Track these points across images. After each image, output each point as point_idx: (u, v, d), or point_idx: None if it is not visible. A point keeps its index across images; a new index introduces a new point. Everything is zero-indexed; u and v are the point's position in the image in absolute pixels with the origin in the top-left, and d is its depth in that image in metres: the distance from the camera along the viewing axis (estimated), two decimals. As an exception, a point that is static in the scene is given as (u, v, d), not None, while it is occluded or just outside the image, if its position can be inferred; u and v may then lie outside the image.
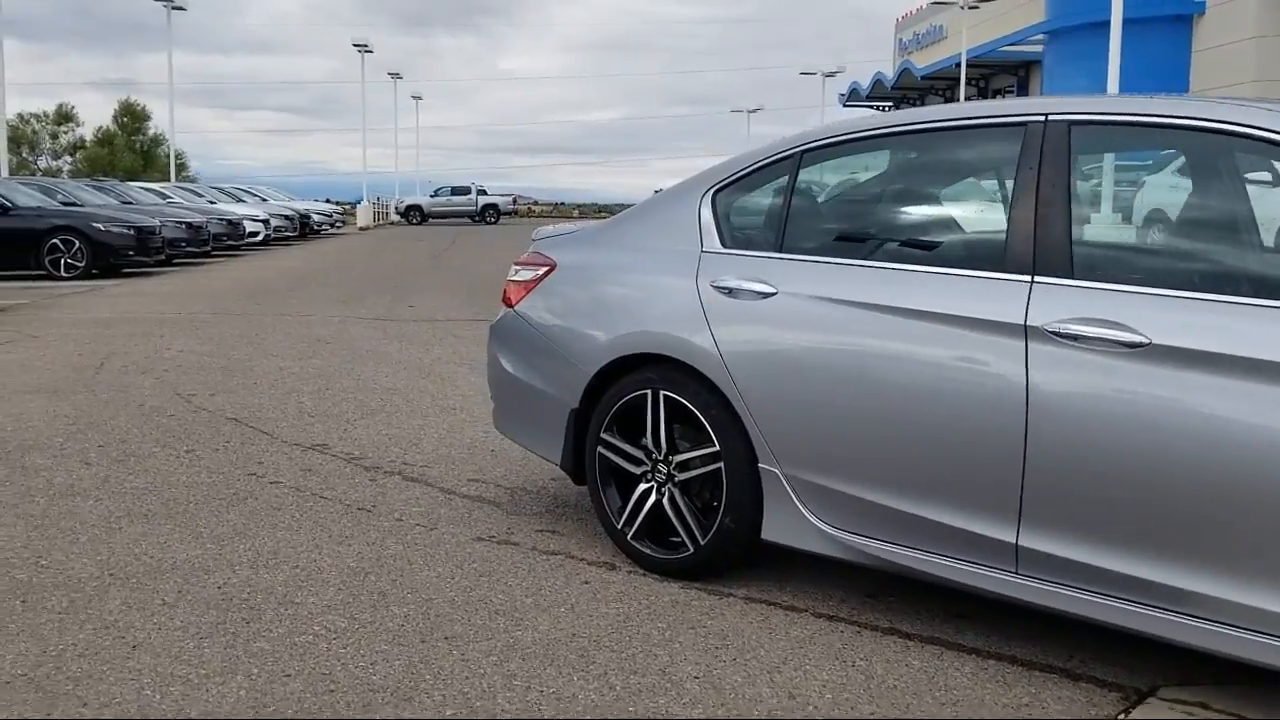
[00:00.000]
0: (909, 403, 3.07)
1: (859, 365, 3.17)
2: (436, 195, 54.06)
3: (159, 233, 17.79)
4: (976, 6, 38.10)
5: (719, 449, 3.49)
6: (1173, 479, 2.66)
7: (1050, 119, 3.03)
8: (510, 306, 4.27)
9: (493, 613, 3.37)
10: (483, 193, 53.51)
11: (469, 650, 3.09)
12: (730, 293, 3.49)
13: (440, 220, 51.85)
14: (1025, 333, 2.87)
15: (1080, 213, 2.99)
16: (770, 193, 3.68)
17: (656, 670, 2.98)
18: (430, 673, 2.95)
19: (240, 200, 30.08)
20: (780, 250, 3.50)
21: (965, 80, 38.33)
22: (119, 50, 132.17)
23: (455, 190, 53.71)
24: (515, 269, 4.29)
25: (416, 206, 53.02)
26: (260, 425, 6.01)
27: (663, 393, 3.62)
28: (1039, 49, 37.96)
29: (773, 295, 3.38)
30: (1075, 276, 2.88)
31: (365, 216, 46.74)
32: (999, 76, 44.65)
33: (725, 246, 3.64)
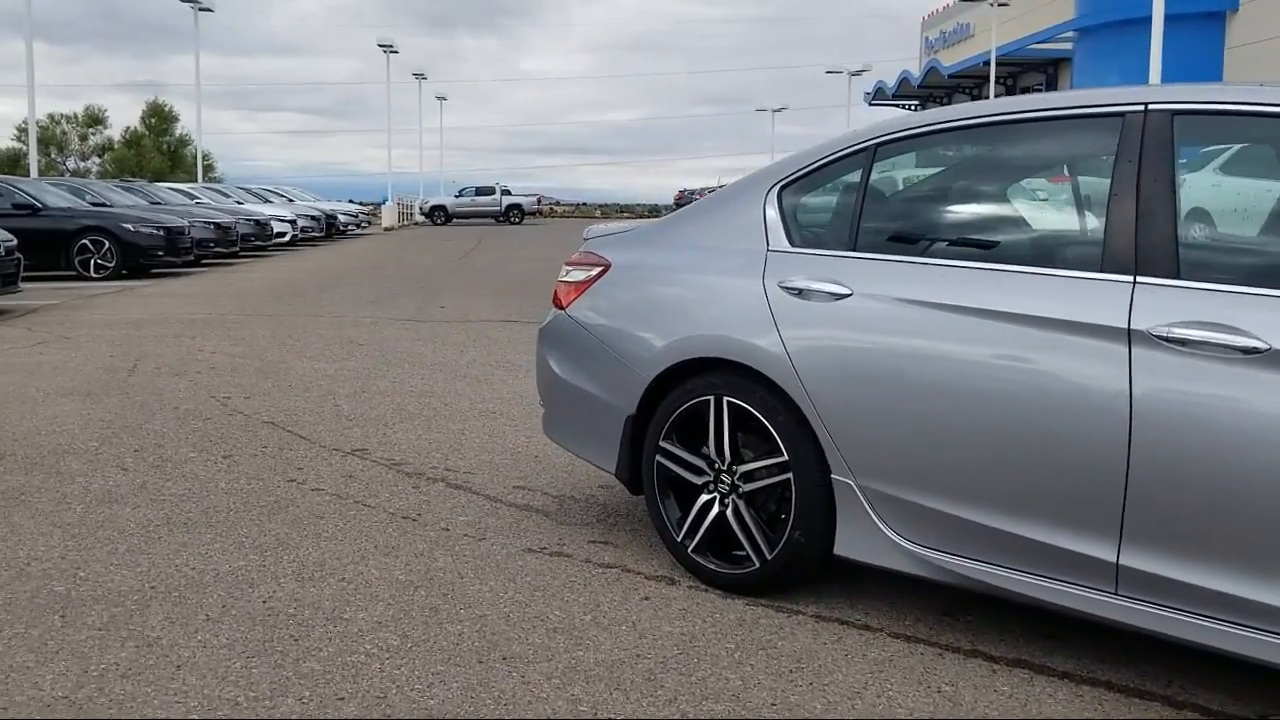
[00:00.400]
0: (999, 412, 2.88)
1: (943, 371, 2.98)
2: (461, 196, 54.06)
3: (188, 233, 17.77)
4: (1005, 4, 37.69)
5: (788, 459, 3.31)
6: (1294, 496, 2.46)
7: (1150, 108, 2.83)
8: (561, 308, 4.11)
9: (551, 631, 3.20)
10: (507, 193, 53.48)
11: (529, 672, 2.92)
12: (800, 294, 3.31)
13: (464, 220, 51.85)
14: (1128, 337, 2.68)
15: (1186, 209, 2.79)
16: (841, 188, 3.49)
17: (729, 696, 2.80)
18: (490, 696, 2.78)
19: (267, 201, 30.10)
20: (854, 249, 3.31)
21: (996, 78, 37.84)
22: (144, 53, 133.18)
23: (480, 191, 53.69)
24: (566, 269, 4.13)
25: (441, 207, 53.04)
26: (297, 429, 5.88)
27: (726, 399, 3.44)
28: (1068, 46, 37.54)
29: (847, 297, 3.20)
30: (1181, 277, 2.68)
31: (390, 217, 46.77)
32: (1027, 74, 44.24)
33: (793, 245, 3.46)
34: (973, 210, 3.41)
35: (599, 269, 3.97)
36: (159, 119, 67.06)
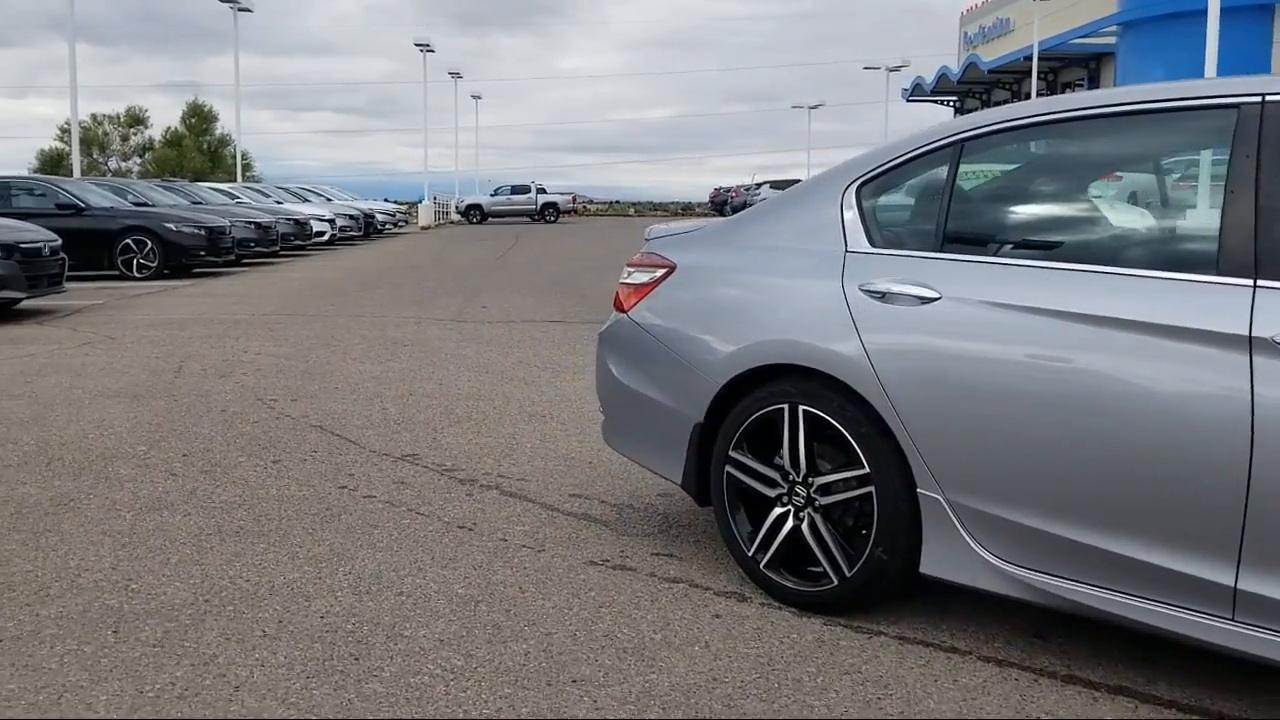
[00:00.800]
0: (1103, 423, 2.69)
1: (1042, 380, 2.80)
2: (496, 194, 54.10)
3: (229, 233, 17.81)
4: (1046, -2, 37.15)
5: (869, 471, 3.14)
6: None
7: (1269, 99, 2.63)
8: (622, 311, 3.96)
9: (621, 651, 3.05)
10: (542, 191, 53.44)
11: (601, 697, 2.77)
12: (883, 297, 3.14)
13: (499, 219, 51.88)
14: (1249, 345, 2.49)
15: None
16: (926, 186, 3.32)
17: (816, 725, 2.64)
18: (563, 723, 2.64)
19: (305, 200, 30.21)
20: (941, 250, 3.13)
21: (1038, 73, 37.31)
22: (183, 54, 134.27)
23: (515, 189, 53.69)
24: (629, 271, 3.98)
25: (477, 206, 53.09)
26: (346, 433, 5.77)
27: (802, 408, 3.28)
28: (1111, 41, 36.96)
29: (935, 300, 3.02)
30: (1308, 280, 2.49)
31: (427, 216, 46.88)
32: (1069, 69, 43.65)
33: (874, 246, 3.29)
34: (1069, 209, 3.22)
35: (663, 270, 3.81)
36: (199, 119, 67.67)
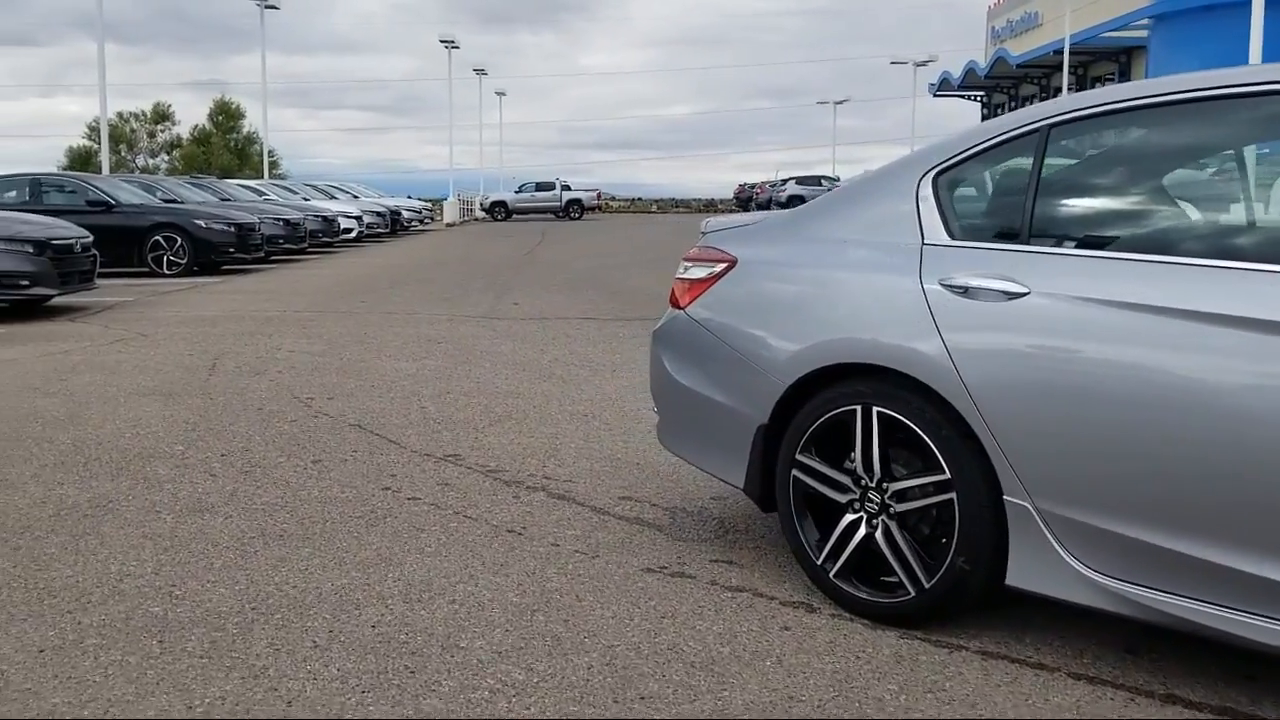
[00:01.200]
0: (1212, 427, 2.51)
1: (1142, 381, 2.62)
2: (521, 191, 54.04)
3: (258, 230, 17.78)
4: (1079, -9, 36.69)
5: (950, 477, 2.97)
6: None
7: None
8: (679, 308, 3.80)
9: (688, 666, 2.89)
10: (567, 188, 53.33)
11: (673, 716, 2.62)
12: (965, 292, 2.96)
13: (524, 216, 51.81)
14: (1379, 344, 2.30)
15: None
16: (1010, 174, 3.14)
17: (904, 748, 2.48)
18: (634, 745, 2.49)
19: (332, 197, 30.19)
20: (1028, 242, 2.96)
21: (1069, 67, 36.86)
22: (207, 52, 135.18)
23: (540, 186, 53.61)
24: (685, 266, 3.82)
25: (501, 203, 53.04)
26: (386, 433, 5.64)
27: (876, 409, 3.11)
28: (1143, 34, 36.45)
29: (1023, 296, 2.85)
30: None
31: (452, 213, 46.85)
32: (1099, 63, 43.15)
33: (953, 238, 3.11)
34: (1170, 198, 3.04)
35: (723, 265, 3.65)
36: (227, 116, 68.03)
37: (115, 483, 4.67)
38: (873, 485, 3.16)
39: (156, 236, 16.15)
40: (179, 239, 16.21)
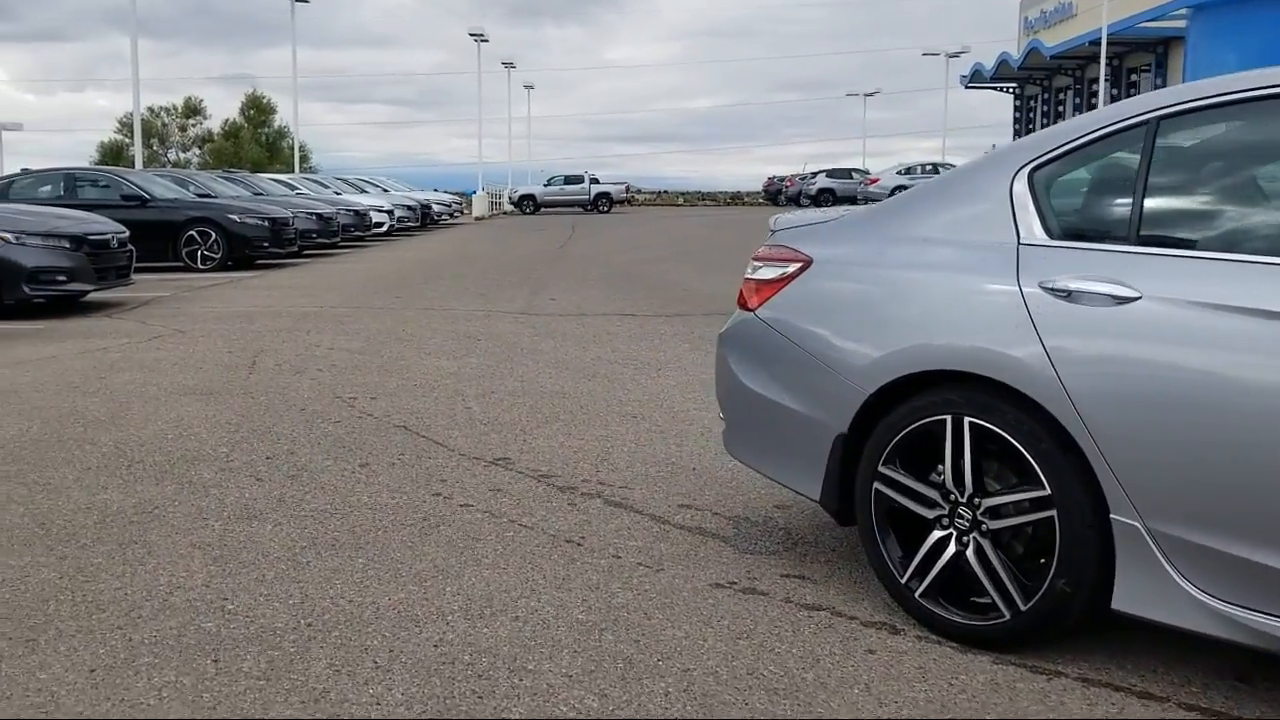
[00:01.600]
0: (1352, 446, 2.32)
1: (1267, 392, 2.43)
2: (549, 185, 53.87)
3: (292, 224, 17.73)
4: (1114, -20, 36.10)
5: (1051, 493, 2.78)
6: None
7: None
8: (748, 310, 3.63)
9: (771, 693, 2.73)
10: (595, 181, 53.12)
11: (762, 749, 2.46)
12: (1069, 296, 2.77)
13: (552, 210, 51.68)
14: None
15: None
16: (1114, 169, 2.95)
17: (1014, 789, 2.30)
18: (723, 782, 2.32)
19: (363, 191, 30.16)
20: (1137, 242, 2.76)
21: (1108, 58, 36.32)
22: (236, 46, 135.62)
23: (568, 180, 53.43)
24: (755, 265, 3.65)
25: (530, 196, 52.91)
26: (432, 434, 5.50)
27: (968, 419, 2.93)
28: (1181, 24, 35.84)
29: (1134, 300, 2.66)
30: None
31: (481, 206, 46.79)
32: (1135, 55, 42.47)
33: (1052, 238, 2.92)
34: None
35: (797, 265, 3.47)
36: (258, 110, 68.31)
37: (160, 487, 4.55)
38: (963, 500, 2.98)
39: (191, 231, 16.12)
40: (213, 234, 16.17)
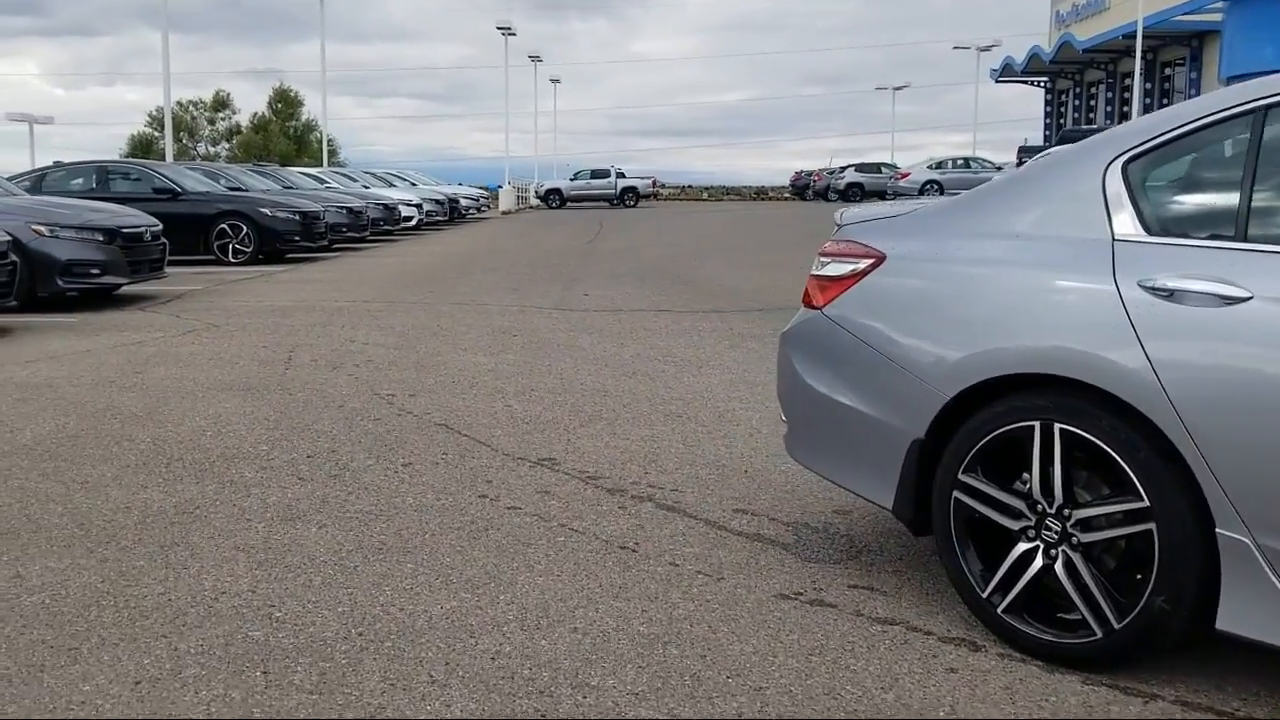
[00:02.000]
0: None
1: (1402, 403, 2.25)
2: (576, 179, 53.75)
3: (323, 218, 17.68)
4: (1150, -27, 35.55)
5: (1149, 505, 2.61)
6: None
7: None
8: (814, 307, 3.47)
9: (852, 716, 2.57)
10: (621, 176, 52.96)
11: (847, 777, 2.31)
12: (1170, 296, 2.60)
13: (578, 204, 51.57)
14: None
15: None
16: (1218, 161, 2.78)
17: (1124, 826, 2.14)
18: (809, 814, 2.18)
19: (391, 185, 30.14)
20: (1244, 239, 2.59)
21: (1142, 52, 35.82)
22: (263, 41, 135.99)
23: (594, 174, 53.28)
24: (822, 261, 3.49)
25: (556, 190, 52.85)
26: (474, 433, 5.38)
27: (1059, 426, 2.76)
28: (1217, 18, 35.29)
29: (1245, 301, 2.48)
30: None
31: (507, 200, 46.75)
32: (1169, 48, 41.87)
33: (1150, 234, 2.75)
34: None
35: (869, 261, 3.31)
36: (285, 104, 68.55)
37: (200, 486, 4.44)
38: (1052, 511, 2.81)
39: (222, 224, 16.08)
40: (244, 227, 16.13)
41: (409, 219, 26.09)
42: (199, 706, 2.60)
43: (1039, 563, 2.84)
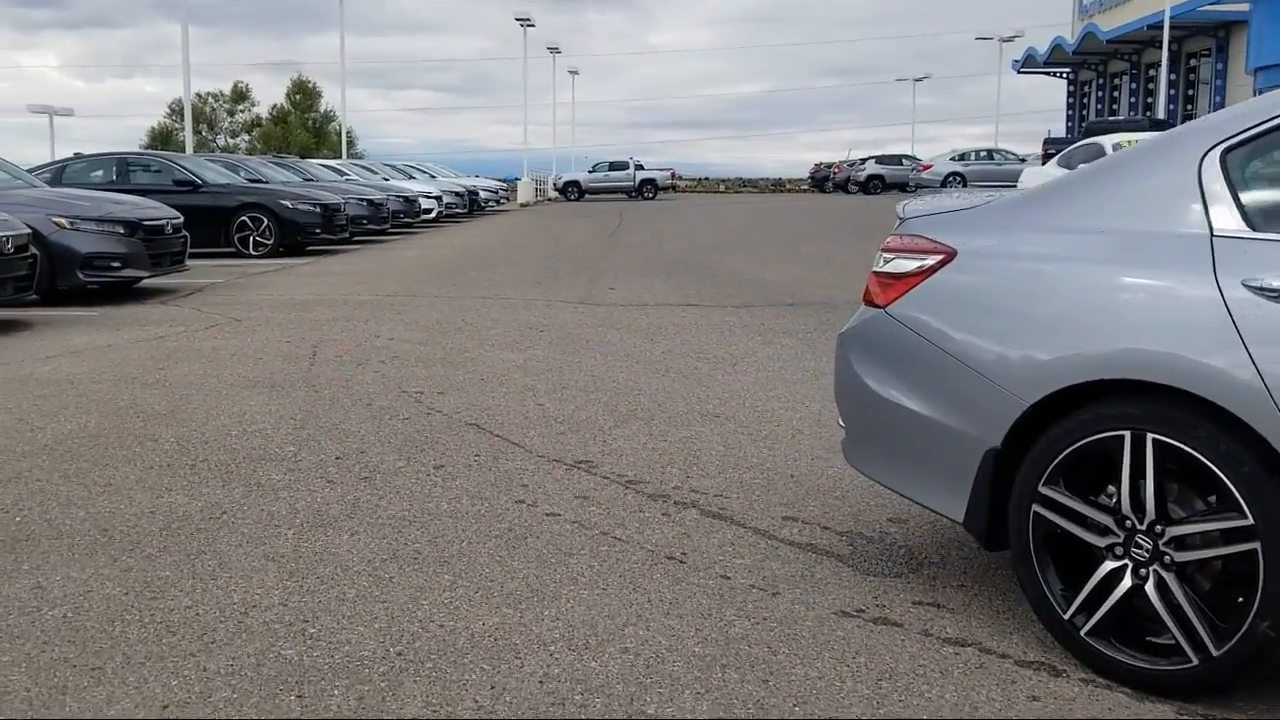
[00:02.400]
0: None
1: None
2: (594, 171, 53.50)
3: (343, 210, 17.54)
4: (1175, -38, 35.07)
5: (1253, 523, 2.41)
6: None
7: None
8: (877, 306, 3.27)
9: (932, 748, 2.39)
10: (640, 168, 52.68)
11: (935, 822, 2.12)
12: (1279, 296, 2.40)
13: (597, 196, 51.35)
14: None
15: None
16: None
17: None
18: None
19: (411, 177, 29.99)
20: (1365, 236, 2.38)
21: (1168, 43, 35.34)
22: (281, 33, 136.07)
23: (613, 166, 53.01)
24: (885, 257, 3.29)
25: (575, 182, 52.60)
26: (506, 434, 5.20)
27: (1151, 436, 2.56)
28: (1244, 8, 34.76)
29: (1367, 303, 2.28)
30: None
31: (526, 193, 46.59)
32: (1194, 39, 41.31)
33: (1254, 229, 2.54)
34: None
35: (938, 257, 3.11)
36: (304, 96, 68.54)
37: (227, 489, 4.29)
38: (1142, 528, 2.61)
39: (243, 217, 15.96)
40: (265, 219, 16.00)
41: (428, 211, 25.95)
42: (231, 734, 2.43)
43: (1128, 582, 2.64)
